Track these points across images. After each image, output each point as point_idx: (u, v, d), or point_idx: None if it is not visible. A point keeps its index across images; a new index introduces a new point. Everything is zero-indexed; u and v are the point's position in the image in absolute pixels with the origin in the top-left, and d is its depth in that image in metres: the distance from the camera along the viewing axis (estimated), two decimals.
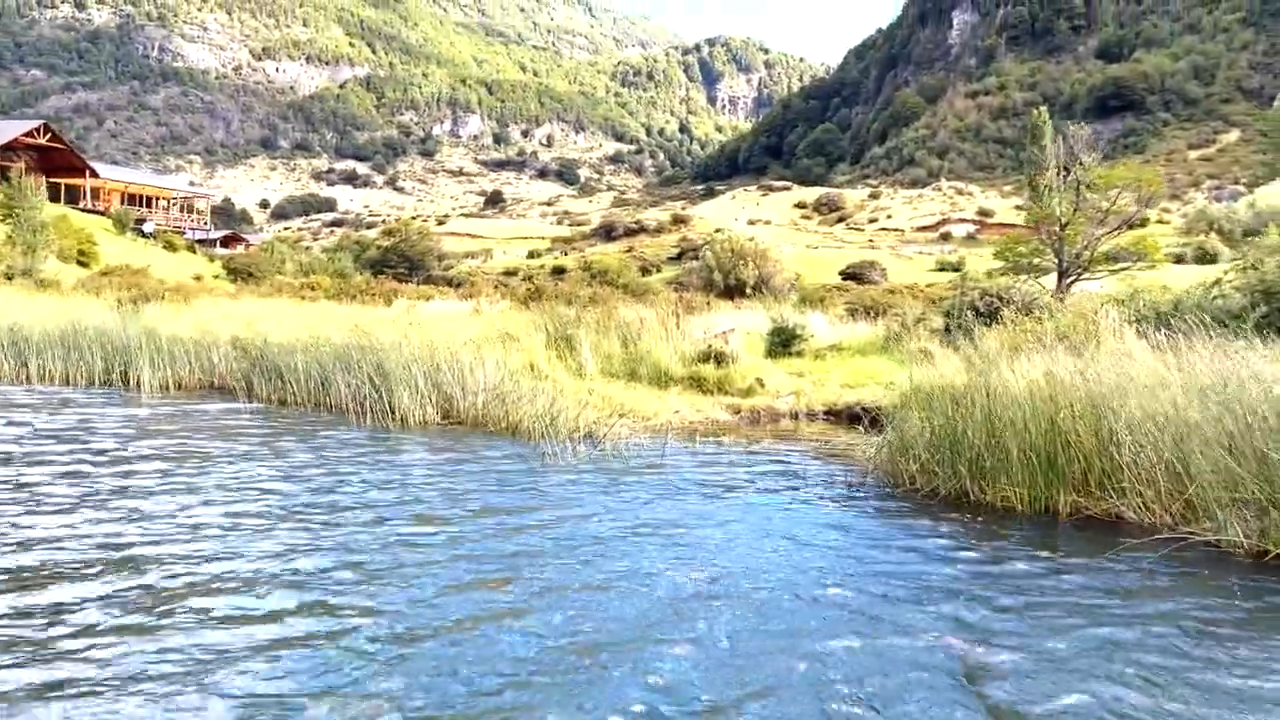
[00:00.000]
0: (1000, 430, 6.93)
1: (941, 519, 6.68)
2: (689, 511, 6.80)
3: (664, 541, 5.94)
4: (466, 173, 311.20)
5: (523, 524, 6.32)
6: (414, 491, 7.23)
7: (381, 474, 7.89)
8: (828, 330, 19.34)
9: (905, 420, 7.98)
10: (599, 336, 15.46)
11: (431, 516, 6.55)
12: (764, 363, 15.18)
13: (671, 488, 7.56)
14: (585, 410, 11.11)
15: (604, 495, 7.15)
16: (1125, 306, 13.70)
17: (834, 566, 5.59)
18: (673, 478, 7.98)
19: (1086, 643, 4.41)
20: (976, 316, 15.50)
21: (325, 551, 5.62)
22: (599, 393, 12.84)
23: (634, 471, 8.25)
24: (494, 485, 7.52)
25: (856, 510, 6.99)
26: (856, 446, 9.49)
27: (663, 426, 11.36)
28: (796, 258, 73.28)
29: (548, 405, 10.39)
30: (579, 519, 6.50)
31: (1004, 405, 7.01)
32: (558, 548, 5.76)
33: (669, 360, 14.12)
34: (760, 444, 10.24)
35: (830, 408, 12.92)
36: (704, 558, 5.63)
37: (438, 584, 5.04)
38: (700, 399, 13.01)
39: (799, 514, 6.81)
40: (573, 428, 9.85)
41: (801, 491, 7.52)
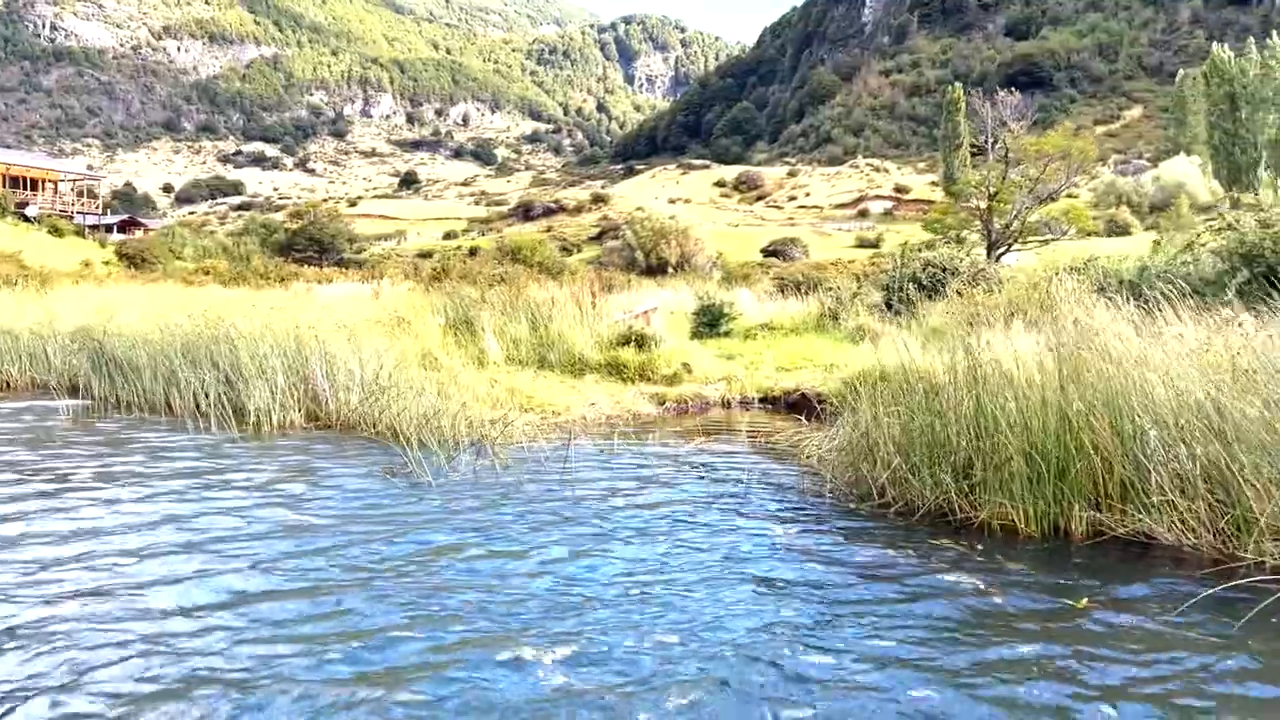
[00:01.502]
0: (994, 428, 5.44)
1: (927, 545, 5.18)
2: (593, 549, 5.16)
3: (555, 606, 4.29)
4: (380, 153, 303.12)
5: (352, 579, 4.60)
6: (201, 534, 5.43)
7: (165, 505, 6.03)
8: (756, 308, 17.91)
9: (864, 414, 6.46)
10: (505, 319, 13.71)
11: (216, 571, 4.78)
12: (690, 345, 13.64)
13: (576, 512, 5.90)
14: (481, 407, 9.39)
15: (476, 532, 5.43)
16: (1082, 275, 12.51)
17: (802, 620, 4.03)
18: (580, 495, 6.32)
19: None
20: (919, 289, 14.20)
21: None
22: (502, 384, 11.11)
23: (529, 486, 6.57)
24: (331, 517, 5.75)
25: (817, 535, 5.44)
26: (803, 441, 7.98)
27: (574, 423, 9.71)
28: (717, 236, 72.23)
29: (435, 402, 8.64)
30: (434, 569, 4.80)
31: (998, 395, 5.52)
32: (393, 623, 4.06)
33: (584, 344, 12.46)
34: (689, 442, 8.66)
35: (766, 394, 11.43)
36: (614, 625, 4.00)
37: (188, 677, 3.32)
38: (620, 388, 11.39)
39: (744, 545, 5.22)
40: (463, 429, 8.13)
41: (744, 511, 5.93)
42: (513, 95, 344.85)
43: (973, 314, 12.60)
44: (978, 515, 5.43)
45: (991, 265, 15.30)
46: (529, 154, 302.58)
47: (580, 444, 8.32)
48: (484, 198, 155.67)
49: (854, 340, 13.65)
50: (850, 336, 13.91)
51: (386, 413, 8.69)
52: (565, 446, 8.00)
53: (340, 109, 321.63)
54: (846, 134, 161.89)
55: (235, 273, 42.99)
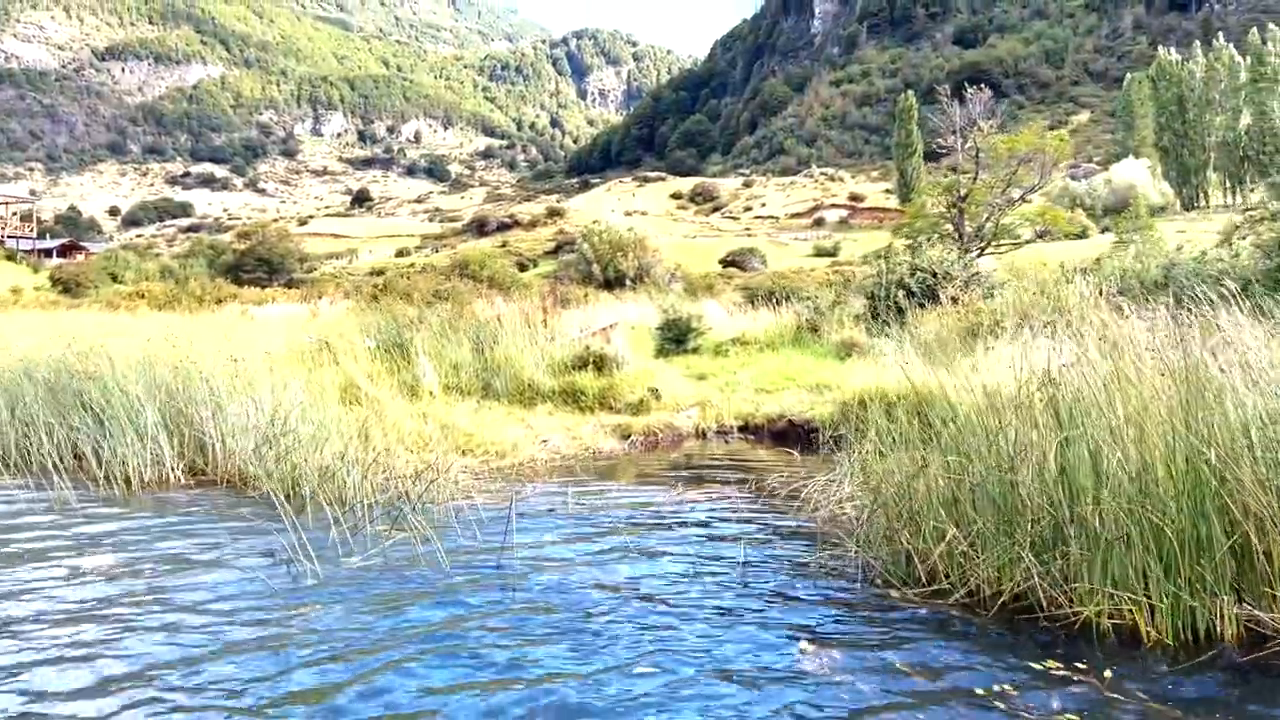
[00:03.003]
0: (1091, 485, 3.91)
1: (1011, 660, 3.61)
2: (544, 676, 3.52)
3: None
4: (331, 172, 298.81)
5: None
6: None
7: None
8: (726, 321, 16.39)
9: (896, 465, 4.91)
10: (443, 341, 12.03)
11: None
12: (656, 365, 12.06)
13: (510, 623, 4.24)
14: (407, 451, 7.73)
15: (366, 657, 3.78)
16: (1094, 275, 11.15)
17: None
18: (519, 590, 4.67)
19: None
20: (909, 297, 12.75)
21: None
22: (437, 419, 9.44)
23: (453, 577, 4.91)
24: (145, 633, 4.05)
25: (854, 650, 3.83)
26: (805, 488, 6.44)
27: (523, 467, 8.07)
28: (675, 247, 70.98)
29: (346, 448, 6.95)
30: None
31: (1088, 435, 3.99)
32: None
33: (534, 369, 10.82)
34: (661, 490, 7.06)
35: (747, 421, 9.87)
36: None
37: None
38: (577, 419, 9.77)
39: (752, 670, 3.61)
40: (375, 485, 6.46)
41: (749, 609, 4.31)
42: (465, 111, 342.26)
43: (974, 324, 11.20)
44: (1077, 609, 3.88)
45: (985, 269, 13.96)
46: (483, 170, 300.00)
47: (528, 499, 6.68)
48: (438, 214, 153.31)
49: (839, 356, 12.18)
50: (835, 351, 12.43)
51: (284, 464, 6.98)
52: (510, 502, 6.36)
53: (290, 128, 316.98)
54: (799, 144, 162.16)
55: (170, 296, 40.80)
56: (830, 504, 5.91)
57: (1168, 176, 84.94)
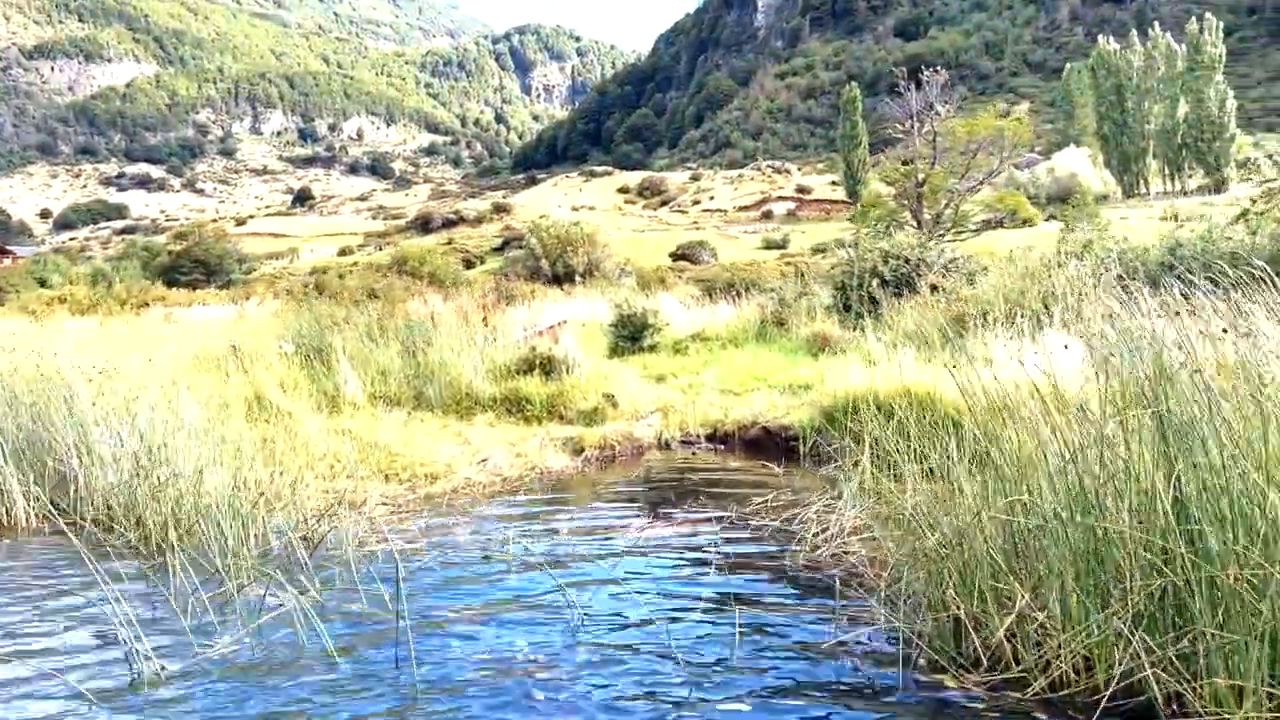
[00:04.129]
0: (1225, 533, 2.82)
1: None
2: None
3: None
4: (271, 171, 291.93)
5: None
6: None
7: None
8: (683, 315, 15.26)
9: (946, 520, 3.80)
10: (372, 345, 10.74)
11: None
12: (610, 366, 10.88)
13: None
14: (316, 478, 6.48)
15: None
16: (1088, 256, 10.21)
17: None
18: (434, 689, 3.46)
19: None
20: (883, 286, 11.73)
21: None
22: (360, 435, 8.17)
23: (342, 668, 3.68)
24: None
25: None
26: (799, 516, 5.35)
27: (456, 493, 6.84)
28: (624, 242, 69.86)
29: (231, 481, 5.67)
30: None
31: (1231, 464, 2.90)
32: None
33: (473, 374, 9.57)
34: (622, 519, 5.88)
35: (715, 429, 8.73)
36: None
37: None
38: (522, 432, 8.55)
39: None
40: (263, 529, 5.21)
41: (748, 713, 3.15)
42: (408, 108, 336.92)
43: (960, 314, 10.20)
44: (1209, 710, 2.78)
45: (962, 255, 13.04)
46: (427, 167, 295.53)
47: (458, 539, 5.46)
48: (381, 212, 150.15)
49: (811, 351, 11.11)
50: (805, 347, 11.37)
51: (160, 501, 5.67)
52: (433, 546, 5.14)
53: (228, 127, 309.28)
54: (745, 137, 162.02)
55: (92, 300, 38.69)
56: (834, 540, 4.79)
57: (1108, 165, 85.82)
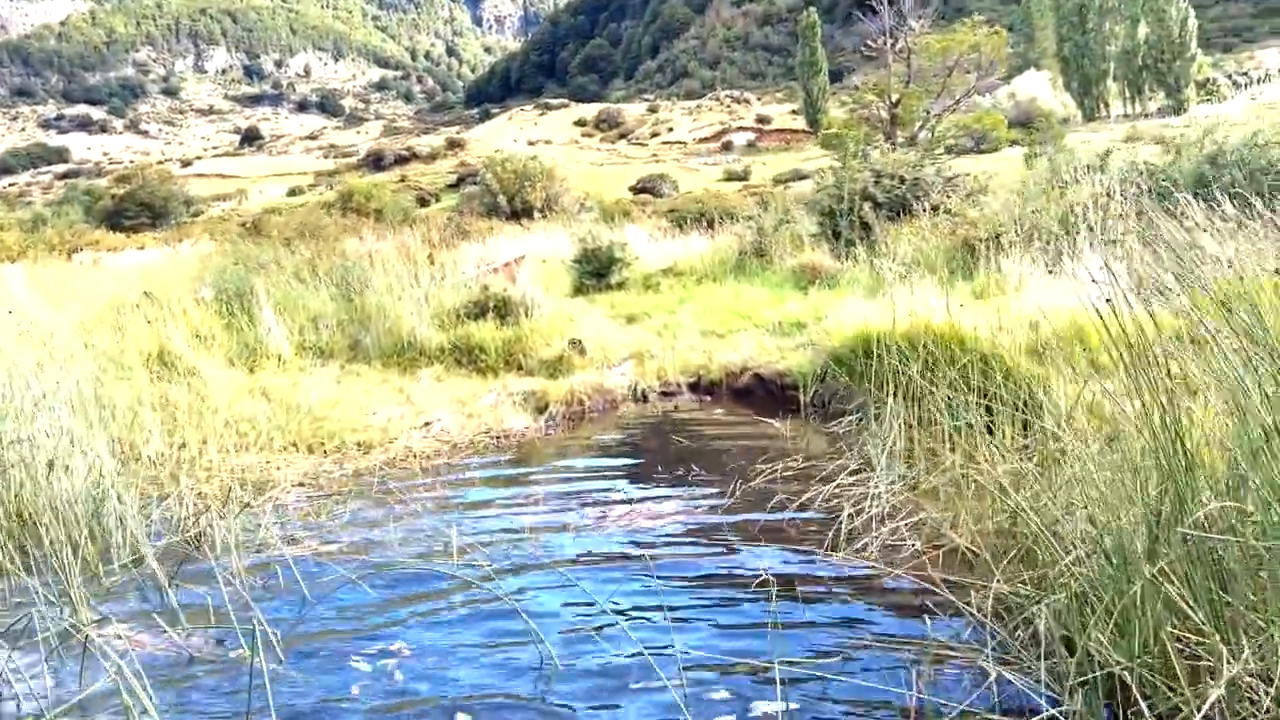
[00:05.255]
0: None
1: None
2: None
3: None
4: (218, 110, 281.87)
5: None
6: None
7: None
8: (652, 249, 14.00)
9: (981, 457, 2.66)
10: (302, 288, 9.40)
11: None
12: (575, 306, 9.63)
13: None
14: (222, 450, 5.27)
15: None
16: (1105, 174, 9.09)
17: None
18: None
19: None
20: (875, 209, 10.54)
21: None
22: (281, 394, 6.90)
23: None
24: None
25: None
26: (806, 479, 4.25)
27: (393, 465, 5.64)
28: (583, 176, 68.01)
29: (97, 465, 4.44)
30: None
31: None
32: None
33: (417, 320, 8.29)
34: (603, 508, 4.72)
35: (698, 376, 7.56)
36: None
37: None
38: (475, 386, 7.32)
39: None
40: (134, 528, 3.99)
41: None
42: (356, 42, 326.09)
43: (967, 237, 9.07)
44: None
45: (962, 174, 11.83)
46: (378, 103, 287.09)
47: (384, 539, 4.26)
48: (332, 150, 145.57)
49: (799, 285, 9.94)
50: (792, 279, 10.20)
51: (12, 491, 4.42)
52: (352, 549, 3.96)
53: (170, 65, 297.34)
54: (702, 67, 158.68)
55: (22, 246, 36.54)
56: (877, 526, 3.68)
57: (1069, 88, 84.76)
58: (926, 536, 3.70)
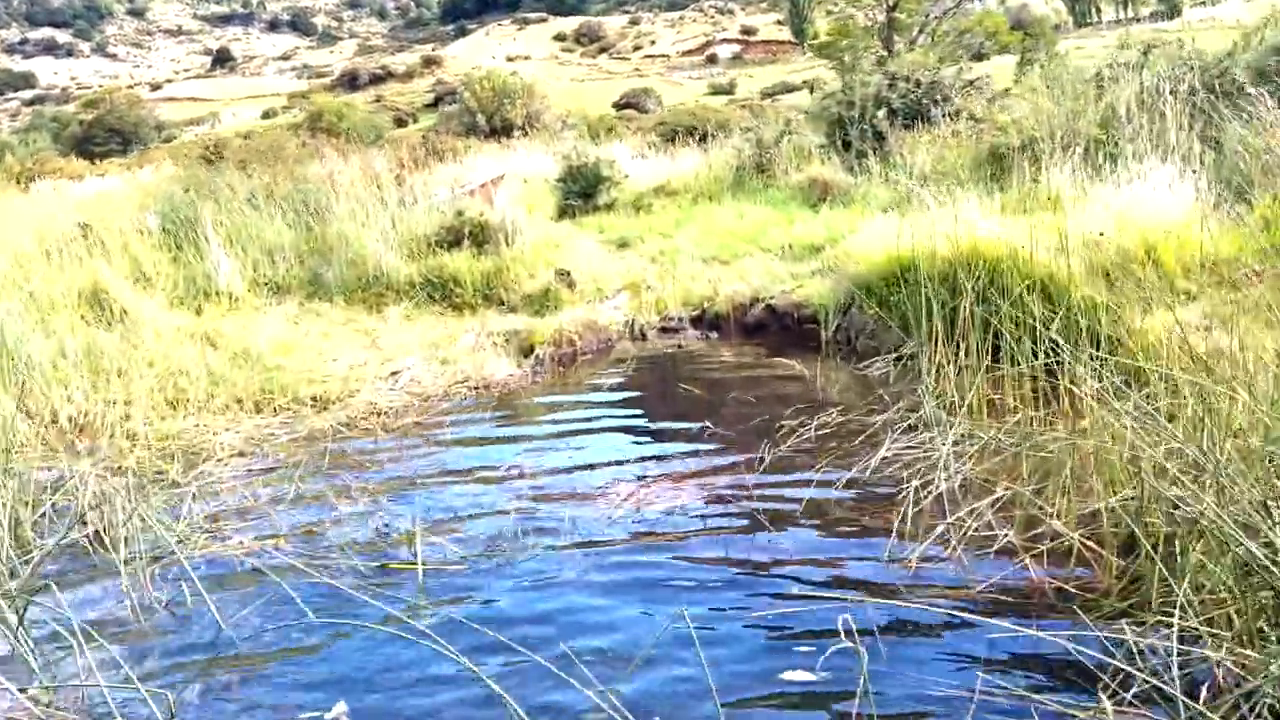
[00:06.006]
0: None
1: None
2: None
3: None
4: (187, 31, 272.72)
5: None
6: None
7: None
8: (641, 167, 12.97)
9: None
10: (258, 216, 8.42)
11: None
12: (560, 231, 8.70)
13: None
14: (157, 408, 4.45)
15: None
16: (1150, 69, 8.14)
17: None
18: None
19: None
20: (890, 117, 9.57)
21: None
22: (229, 338, 6.04)
23: None
24: None
25: None
26: (854, 441, 3.45)
27: (353, 424, 4.82)
28: (564, 93, 65.89)
29: None
30: None
31: None
32: None
33: (382, 249, 7.37)
34: (604, 491, 3.90)
35: (702, 309, 6.71)
36: None
37: None
38: (450, 326, 6.46)
39: None
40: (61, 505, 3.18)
41: None
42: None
43: (994, 146, 8.15)
44: None
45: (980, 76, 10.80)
46: (351, 21, 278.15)
47: (324, 537, 3.45)
48: (306, 71, 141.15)
49: (808, 202, 9.02)
50: (800, 197, 9.27)
51: None
52: (287, 554, 3.17)
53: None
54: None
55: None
56: (953, 509, 2.90)
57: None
58: (1020, 523, 2.92)
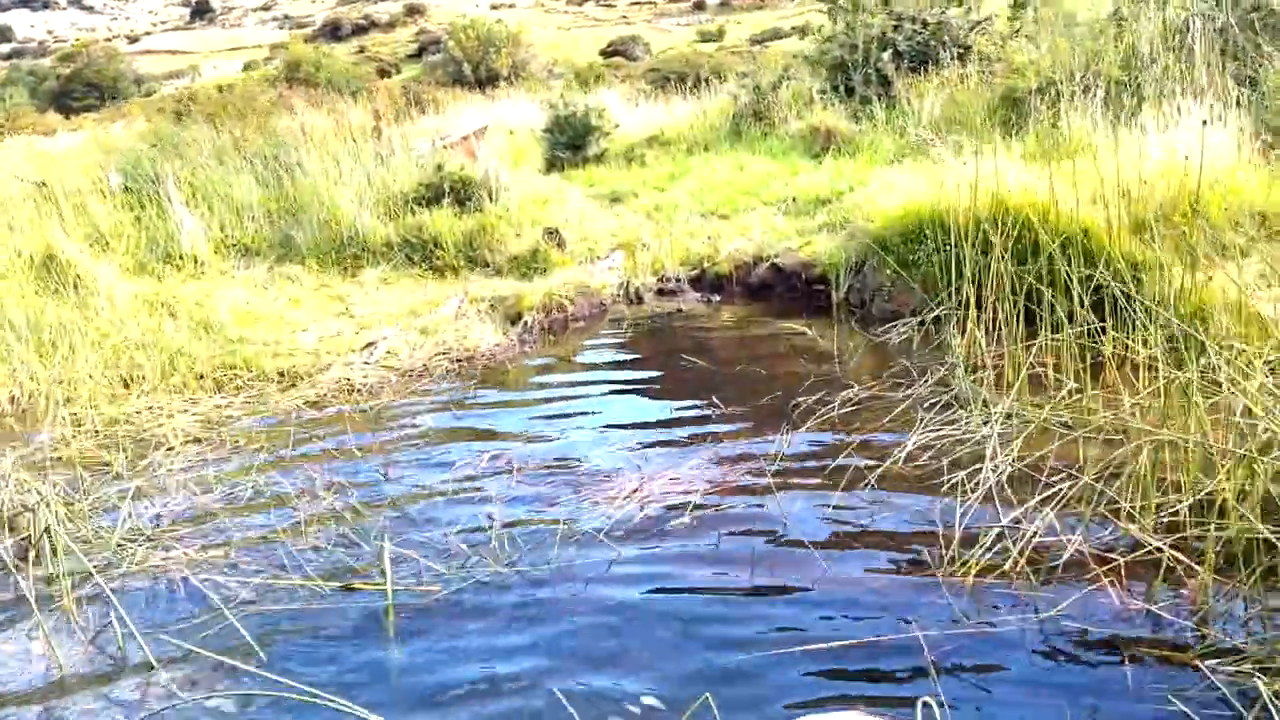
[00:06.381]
0: None
1: None
2: None
3: None
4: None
5: None
6: None
7: None
8: (632, 116, 12.41)
9: None
10: (226, 173, 7.89)
11: None
12: (548, 185, 8.18)
13: None
14: (101, 388, 4.01)
15: None
16: (1170, 4, 7.61)
17: None
18: None
19: None
20: (896, 59, 9.02)
21: None
22: (190, 308, 5.57)
23: None
24: None
25: None
26: (873, 421, 3.03)
27: (317, 408, 4.37)
28: (550, 41, 64.47)
29: None
30: None
31: None
32: None
33: (357, 206, 6.87)
34: (607, 480, 3.47)
35: (702, 268, 6.25)
36: None
37: None
38: (429, 291, 5.99)
39: None
40: None
41: None
42: None
43: (1010, 89, 7.66)
44: None
45: None
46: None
47: (275, 558, 3.03)
48: (287, 21, 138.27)
49: (810, 152, 8.50)
50: (801, 146, 8.76)
51: None
52: (235, 571, 2.76)
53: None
54: None
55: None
56: (1003, 510, 2.49)
57: None
58: (1087, 524, 2.51)
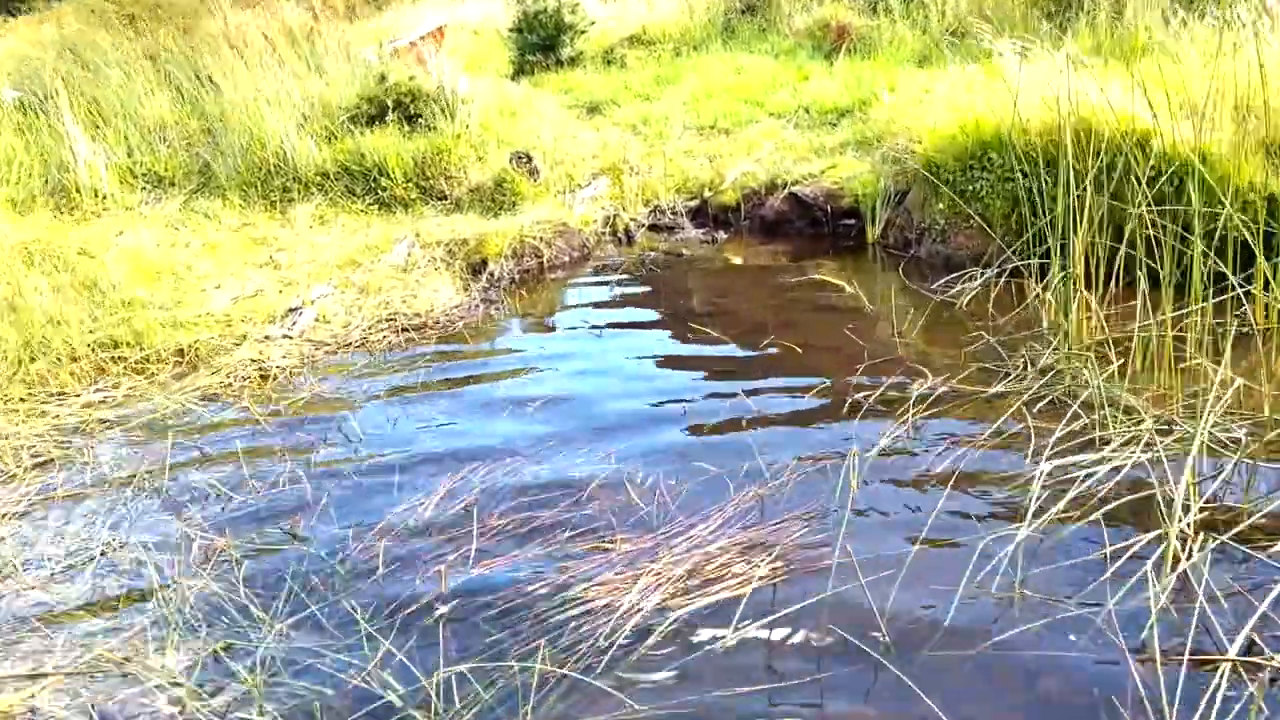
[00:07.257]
0: None
1: None
2: None
3: None
4: None
5: None
6: None
7: None
8: (608, 10, 11.07)
9: None
10: (133, 88, 6.68)
11: None
12: (515, 93, 7.02)
13: None
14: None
15: None
16: None
17: None
18: None
19: None
20: None
21: None
22: (76, 259, 4.50)
23: None
24: None
25: None
26: (956, 413, 2.08)
27: (231, 393, 3.37)
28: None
29: None
30: None
31: None
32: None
33: (287, 127, 5.72)
34: (608, 539, 2.53)
35: (702, 198, 5.21)
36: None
37: None
38: (373, 233, 4.93)
39: None
40: None
41: None
42: None
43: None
44: None
45: None
46: None
47: (152, 629, 2.08)
48: None
49: (820, 52, 7.37)
50: (808, 44, 7.61)
51: None
52: None
53: None
54: None
55: None
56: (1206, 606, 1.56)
57: None
58: None
